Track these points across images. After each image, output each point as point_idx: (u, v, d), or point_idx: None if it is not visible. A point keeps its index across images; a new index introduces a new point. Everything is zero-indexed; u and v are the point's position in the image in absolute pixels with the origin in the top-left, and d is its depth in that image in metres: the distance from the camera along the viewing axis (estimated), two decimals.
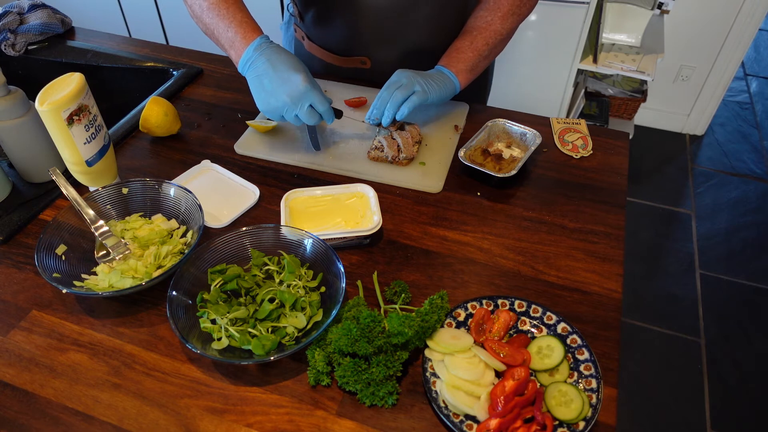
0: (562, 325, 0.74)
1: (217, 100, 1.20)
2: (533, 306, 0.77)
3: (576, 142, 1.08)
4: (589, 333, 0.76)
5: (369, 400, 0.68)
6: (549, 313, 0.76)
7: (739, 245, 2.31)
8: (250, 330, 0.73)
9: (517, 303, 0.77)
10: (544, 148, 1.07)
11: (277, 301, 0.76)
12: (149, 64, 1.31)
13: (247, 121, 1.10)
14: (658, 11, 2.25)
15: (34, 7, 1.38)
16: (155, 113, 1.05)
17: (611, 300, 0.81)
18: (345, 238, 0.85)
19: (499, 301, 0.77)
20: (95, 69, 1.33)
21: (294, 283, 0.78)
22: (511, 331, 0.76)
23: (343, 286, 0.74)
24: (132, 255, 0.83)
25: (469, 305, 0.77)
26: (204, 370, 0.73)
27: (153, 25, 2.70)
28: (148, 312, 0.80)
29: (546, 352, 0.72)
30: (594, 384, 0.68)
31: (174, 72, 1.28)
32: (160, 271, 0.81)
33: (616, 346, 0.75)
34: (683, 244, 2.31)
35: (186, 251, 0.84)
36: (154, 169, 1.04)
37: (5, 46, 1.32)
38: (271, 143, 1.07)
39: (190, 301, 0.76)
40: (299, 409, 0.69)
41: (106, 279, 0.80)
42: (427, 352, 0.71)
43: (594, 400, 0.67)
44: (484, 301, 0.77)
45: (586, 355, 0.71)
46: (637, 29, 2.15)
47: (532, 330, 0.76)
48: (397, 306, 0.77)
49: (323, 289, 0.79)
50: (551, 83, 2.37)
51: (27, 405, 0.70)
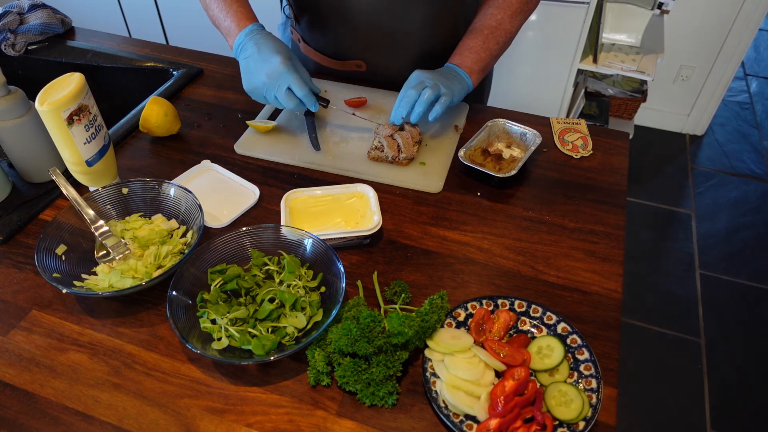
0: (562, 325, 0.74)
1: (217, 100, 1.20)
2: (533, 306, 0.77)
3: (576, 142, 1.08)
4: (589, 333, 0.76)
5: (369, 400, 0.68)
6: (549, 313, 0.76)
7: (739, 245, 2.30)
8: (250, 330, 0.73)
9: (517, 303, 0.77)
10: (544, 148, 1.07)
11: (277, 301, 0.76)
12: (149, 64, 1.31)
13: (247, 121, 1.10)
14: (658, 11, 2.24)
15: (34, 7, 1.38)
16: (155, 113, 1.05)
17: (611, 300, 0.81)
18: (345, 238, 0.85)
19: (499, 301, 0.77)
20: (95, 69, 1.33)
21: (294, 283, 0.78)
22: (511, 331, 0.76)
23: (343, 286, 0.74)
24: (132, 255, 0.83)
25: (469, 305, 0.77)
26: (204, 370, 0.73)
27: (153, 25, 2.70)
28: (148, 312, 0.80)
29: (546, 352, 0.72)
30: (594, 384, 0.68)
31: (174, 72, 1.28)
32: (160, 271, 0.81)
33: (616, 346, 0.75)
34: (683, 244, 2.31)
35: (186, 251, 0.84)
36: (154, 169, 1.04)
37: (5, 46, 1.32)
38: (271, 143, 1.07)
39: (190, 301, 0.76)
40: (299, 409, 0.69)
41: (106, 279, 0.80)
42: (427, 352, 0.71)
43: (594, 400, 0.67)
44: (484, 301, 0.77)
45: (586, 355, 0.71)
46: (637, 29, 2.15)
47: (532, 330, 0.76)
48: (397, 306, 0.77)
49: (323, 289, 0.79)
50: (551, 83, 2.37)
51: (27, 405, 0.70)
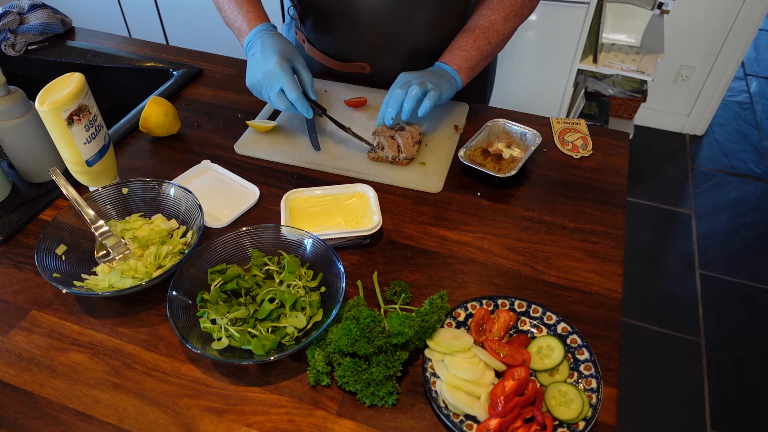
0: (562, 325, 0.74)
1: (217, 100, 1.20)
2: (533, 306, 0.77)
3: (576, 142, 1.08)
4: (589, 333, 0.76)
5: (369, 400, 0.68)
6: (549, 313, 0.76)
7: (739, 245, 2.30)
8: (250, 330, 0.73)
9: (517, 303, 0.77)
10: (544, 148, 1.07)
11: (277, 301, 0.76)
12: (149, 64, 1.31)
13: (247, 121, 1.10)
14: (658, 11, 2.25)
15: (34, 7, 1.38)
16: (155, 113, 1.05)
17: (611, 300, 0.81)
18: (345, 238, 0.85)
19: (499, 301, 0.77)
20: (95, 69, 1.33)
21: (294, 283, 0.78)
22: (511, 331, 0.76)
23: (343, 286, 0.74)
24: (132, 255, 0.83)
25: (469, 305, 0.77)
26: (204, 370, 0.73)
27: (153, 25, 2.69)
28: (148, 312, 0.80)
29: (546, 352, 0.72)
30: (594, 384, 0.68)
31: (174, 72, 1.28)
32: (160, 271, 0.81)
33: (616, 346, 0.75)
34: (683, 244, 2.31)
35: (186, 251, 0.84)
36: (154, 169, 1.04)
37: (5, 46, 1.32)
38: (271, 143, 1.07)
39: (190, 301, 0.76)
40: (299, 409, 0.69)
41: (106, 279, 0.80)
42: (427, 352, 0.71)
43: (594, 400, 0.67)
44: (484, 301, 0.77)
45: (586, 355, 0.71)
46: (637, 29, 2.15)
47: (532, 330, 0.76)
48: (397, 306, 0.77)
49: (323, 289, 0.79)
50: (551, 83, 2.37)
51: (27, 405, 0.70)
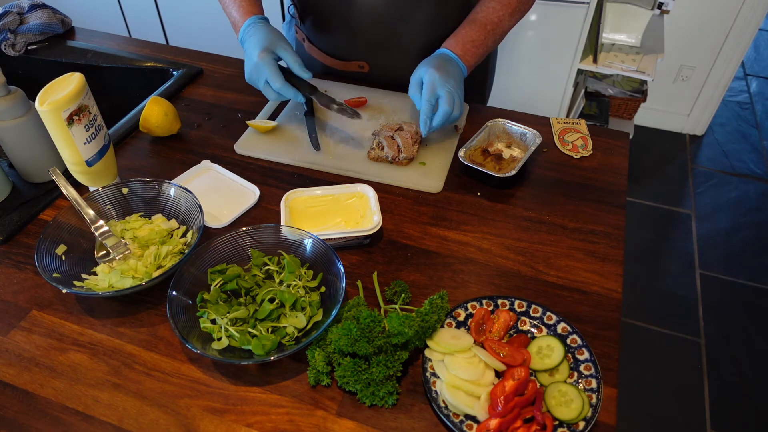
0: (562, 325, 0.74)
1: (217, 100, 1.20)
2: (533, 306, 0.77)
3: (576, 142, 1.08)
4: (589, 333, 0.76)
5: (369, 400, 0.68)
6: (549, 313, 0.76)
7: (739, 245, 2.30)
8: (250, 330, 0.73)
9: (517, 303, 0.77)
10: (544, 148, 1.07)
11: (277, 301, 0.76)
12: (149, 64, 1.31)
13: (247, 121, 1.10)
14: (658, 11, 2.25)
15: (34, 7, 1.38)
16: (155, 113, 1.05)
17: (611, 300, 0.81)
18: (345, 238, 0.85)
19: (499, 301, 0.77)
20: (95, 69, 1.33)
21: (294, 283, 0.78)
22: (511, 331, 0.76)
23: (343, 286, 0.74)
24: (132, 255, 0.83)
25: (469, 305, 0.77)
26: (204, 370, 0.73)
27: (153, 25, 2.69)
28: (148, 312, 0.80)
29: (546, 352, 0.72)
30: (594, 384, 0.68)
31: (174, 72, 1.28)
32: (160, 271, 0.81)
33: (616, 346, 0.75)
34: (683, 244, 2.31)
35: (186, 251, 0.84)
36: (154, 169, 1.04)
37: (5, 46, 1.32)
38: (271, 143, 1.07)
39: (190, 301, 0.76)
40: (299, 409, 0.69)
41: (106, 279, 0.80)
42: (427, 352, 0.71)
43: (594, 400, 0.67)
44: (484, 301, 0.77)
45: (586, 355, 0.71)
46: (637, 29, 2.15)
47: (532, 330, 0.76)
48: (397, 306, 0.77)
49: (323, 289, 0.79)
50: (551, 83, 2.37)
51: (27, 405, 0.70)
